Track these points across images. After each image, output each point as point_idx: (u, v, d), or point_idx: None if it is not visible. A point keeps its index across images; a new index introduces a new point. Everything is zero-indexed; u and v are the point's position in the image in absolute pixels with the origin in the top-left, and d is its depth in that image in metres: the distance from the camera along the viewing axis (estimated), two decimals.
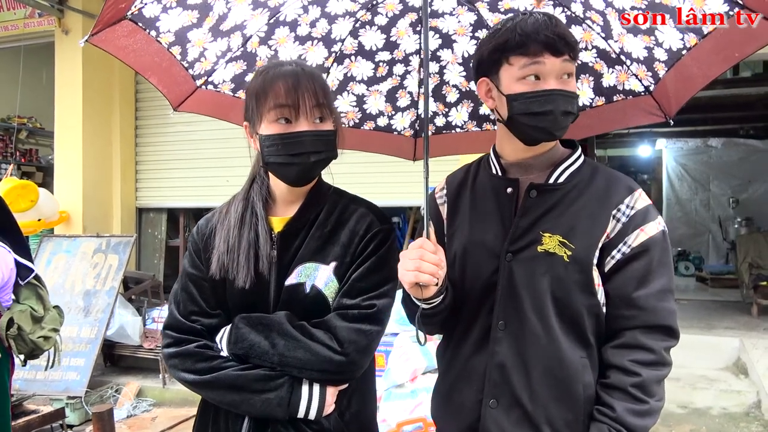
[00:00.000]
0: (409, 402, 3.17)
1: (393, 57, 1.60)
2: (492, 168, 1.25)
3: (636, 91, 1.47)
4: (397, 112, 1.70)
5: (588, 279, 1.11)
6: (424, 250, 1.07)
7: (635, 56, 1.40)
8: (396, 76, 1.63)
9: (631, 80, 1.46)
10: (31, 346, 1.95)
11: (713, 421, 3.81)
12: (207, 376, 1.11)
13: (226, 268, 1.16)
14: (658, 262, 1.11)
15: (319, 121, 1.14)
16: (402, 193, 4.77)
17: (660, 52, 1.36)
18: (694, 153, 9.32)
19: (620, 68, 1.45)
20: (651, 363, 1.07)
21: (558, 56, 1.08)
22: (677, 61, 1.35)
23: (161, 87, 1.41)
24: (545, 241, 1.12)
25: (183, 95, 1.45)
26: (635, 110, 1.50)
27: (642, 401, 1.06)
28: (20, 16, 5.48)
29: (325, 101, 1.13)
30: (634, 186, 1.15)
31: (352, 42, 1.55)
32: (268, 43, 1.48)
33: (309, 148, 1.12)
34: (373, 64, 1.60)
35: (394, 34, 1.56)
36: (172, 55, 1.37)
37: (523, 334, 1.12)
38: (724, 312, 5.86)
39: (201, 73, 1.44)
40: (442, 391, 1.27)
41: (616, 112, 1.52)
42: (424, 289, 1.08)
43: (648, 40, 1.35)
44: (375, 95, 1.66)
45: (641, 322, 1.09)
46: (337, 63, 1.58)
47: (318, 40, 1.51)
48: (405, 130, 1.73)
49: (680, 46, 1.32)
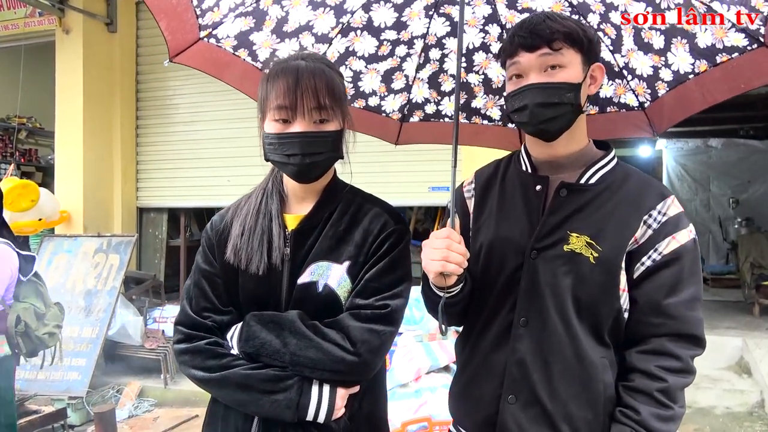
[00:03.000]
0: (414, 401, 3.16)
1: (398, 37, 1.57)
2: (522, 164, 1.25)
3: (630, 105, 1.50)
4: (390, 93, 1.67)
5: (613, 282, 1.10)
6: (451, 240, 1.07)
7: (639, 73, 1.42)
8: (396, 57, 1.60)
9: (627, 95, 1.48)
10: (36, 342, 1.96)
11: (717, 420, 3.81)
12: (217, 374, 1.11)
13: (240, 253, 1.16)
14: (688, 270, 1.10)
15: (320, 122, 1.12)
16: (404, 193, 4.77)
17: (666, 73, 1.37)
18: (694, 153, 9.31)
19: (620, 82, 1.47)
20: (677, 370, 1.07)
21: (532, 51, 1.10)
22: (681, 83, 1.36)
23: (167, 33, 1.35)
24: (572, 240, 1.12)
25: (184, 45, 1.39)
26: (625, 123, 1.54)
27: (667, 407, 1.05)
28: (21, 16, 5.47)
29: (328, 102, 1.10)
30: (666, 192, 1.15)
31: (362, 16, 1.52)
32: (282, 3, 1.44)
33: (304, 150, 1.10)
34: (377, 42, 1.56)
35: (407, 14, 1.53)
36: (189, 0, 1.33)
37: (545, 331, 1.12)
38: (726, 312, 5.85)
39: (209, 23, 1.39)
40: (461, 384, 1.27)
41: (606, 122, 1.54)
42: (447, 278, 1.09)
43: (657, 60, 1.36)
44: (372, 74, 1.63)
45: (670, 330, 1.09)
46: (342, 35, 1.54)
47: (330, 8, 1.47)
48: (393, 112, 1.71)
49: (689, 70, 1.33)
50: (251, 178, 1.26)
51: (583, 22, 1.41)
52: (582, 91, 1.13)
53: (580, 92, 1.13)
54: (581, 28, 1.12)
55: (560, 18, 1.12)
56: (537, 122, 1.12)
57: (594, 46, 1.15)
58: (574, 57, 1.12)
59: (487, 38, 1.54)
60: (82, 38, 5.20)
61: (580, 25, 1.14)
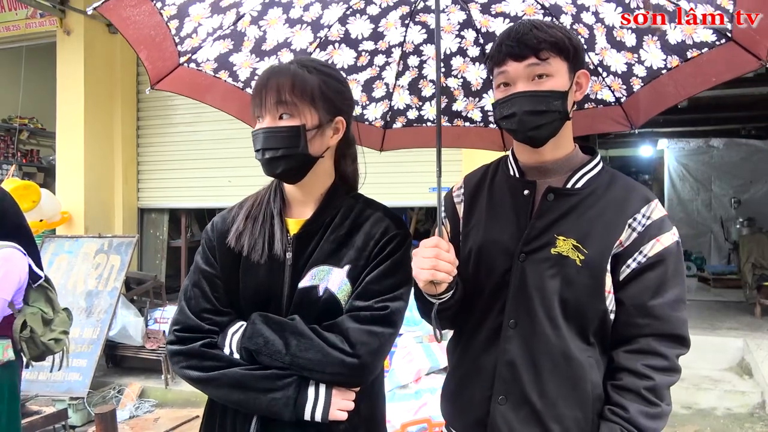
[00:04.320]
0: (414, 403, 3.16)
1: (376, 47, 1.59)
2: (510, 169, 1.27)
3: (607, 100, 1.53)
4: (371, 102, 1.70)
5: (598, 284, 1.13)
6: (439, 249, 1.09)
7: (613, 69, 1.45)
8: (376, 66, 1.63)
9: (604, 91, 1.52)
10: (42, 348, 1.95)
11: (717, 421, 3.81)
12: (213, 373, 1.11)
13: (243, 238, 1.17)
14: (672, 272, 1.13)
15: (282, 117, 1.13)
16: (404, 194, 4.77)
17: (639, 69, 1.41)
18: (696, 153, 9.30)
19: (595, 79, 1.50)
20: (663, 369, 1.10)
21: (520, 60, 1.12)
22: (654, 78, 1.40)
23: (147, 63, 1.39)
24: (559, 244, 1.14)
25: (164, 72, 1.43)
26: (603, 118, 1.57)
27: (654, 404, 1.08)
28: (22, 17, 5.47)
29: (289, 97, 1.11)
30: (650, 196, 1.17)
31: (339, 29, 1.55)
32: (259, 24, 1.47)
33: (264, 145, 1.13)
34: (355, 53, 1.59)
35: (383, 24, 1.55)
36: (168, 29, 1.36)
37: (533, 333, 1.14)
38: (727, 312, 5.84)
39: (188, 50, 1.43)
40: (452, 386, 1.29)
41: (584, 118, 1.56)
42: (437, 286, 1.10)
43: (630, 57, 1.40)
44: (352, 84, 1.65)
45: (655, 330, 1.11)
46: (320, 49, 1.57)
47: (307, 24, 1.50)
48: (376, 120, 1.74)
49: (661, 66, 1.37)
50: (252, 179, 1.27)
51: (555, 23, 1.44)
52: (569, 99, 1.16)
53: (567, 100, 1.15)
54: (567, 37, 1.14)
55: (546, 27, 1.13)
56: (525, 129, 1.14)
57: (580, 54, 1.17)
58: (560, 65, 1.13)
59: (464, 42, 1.58)
60: (83, 39, 5.21)
61: (567, 33, 1.15)
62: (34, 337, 1.90)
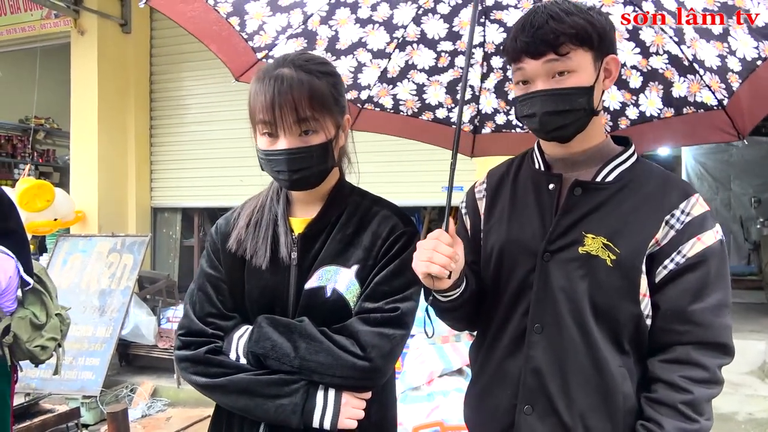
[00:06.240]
0: (426, 405, 3.11)
1: (455, 48, 1.56)
2: (535, 162, 1.19)
3: (708, 104, 1.37)
4: (457, 105, 1.66)
5: (632, 286, 1.04)
6: (438, 242, 1.01)
7: (708, 65, 1.29)
8: (458, 67, 1.60)
9: (703, 92, 1.36)
10: (28, 354, 1.86)
11: (739, 426, 3.71)
12: (220, 379, 1.08)
13: (245, 243, 1.14)
14: (715, 274, 1.04)
15: (305, 133, 1.07)
16: (417, 193, 4.73)
17: (733, 62, 1.24)
18: (715, 151, 9.12)
19: (692, 77, 1.35)
20: (703, 381, 1.01)
21: (537, 58, 1.03)
22: (751, 72, 1.23)
23: (221, 55, 1.41)
24: (588, 242, 1.06)
25: (245, 66, 1.45)
26: (707, 126, 1.40)
27: (692, 420, 0.99)
28: (37, 18, 5.53)
29: (309, 112, 1.04)
30: (690, 190, 1.08)
31: (415, 29, 1.53)
32: (329, 23, 1.47)
33: (291, 167, 1.07)
34: (435, 54, 1.57)
35: (457, 24, 1.51)
36: (230, 26, 1.37)
37: (561, 339, 1.07)
38: (747, 314, 5.71)
39: (261, 46, 1.45)
40: (475, 393, 1.22)
41: (685, 125, 1.42)
42: (436, 280, 1.03)
43: (721, 47, 1.24)
44: (435, 86, 1.63)
45: (695, 338, 1.03)
46: (399, 49, 1.56)
47: (379, 24, 1.49)
48: (464, 124, 1.68)
49: (755, 56, 1.20)
50: (264, 178, 1.24)
51: (638, 12, 1.31)
52: (595, 93, 1.06)
53: (593, 95, 1.06)
54: (590, 22, 1.02)
55: (565, 15, 1.01)
56: (548, 130, 1.07)
57: (606, 37, 1.06)
58: (583, 57, 1.03)
59: None
60: (96, 39, 5.24)
61: (589, 17, 1.03)
62: (18, 342, 1.81)
